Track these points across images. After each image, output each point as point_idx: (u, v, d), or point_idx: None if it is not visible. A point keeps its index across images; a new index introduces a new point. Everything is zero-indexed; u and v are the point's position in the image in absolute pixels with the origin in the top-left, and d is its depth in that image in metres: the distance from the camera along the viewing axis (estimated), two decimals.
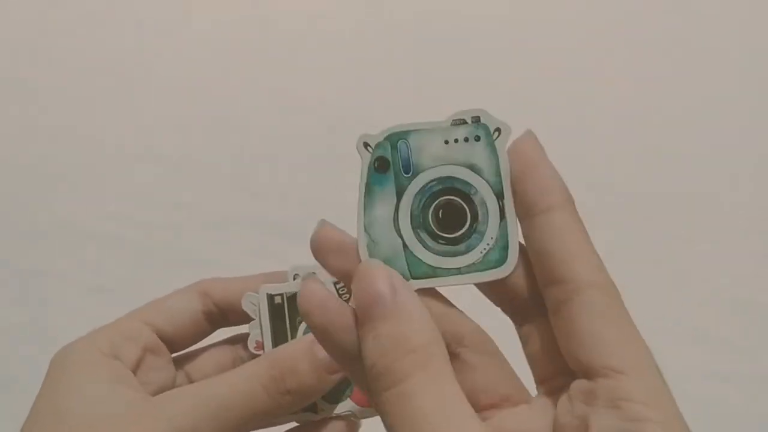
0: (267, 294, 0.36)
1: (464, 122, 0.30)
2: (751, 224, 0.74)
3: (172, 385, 0.38)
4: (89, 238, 0.69)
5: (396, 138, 0.29)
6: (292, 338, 0.36)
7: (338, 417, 0.36)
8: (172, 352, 0.39)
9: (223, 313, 0.39)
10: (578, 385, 0.28)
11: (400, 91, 0.79)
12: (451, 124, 0.30)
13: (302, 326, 0.36)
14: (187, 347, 0.40)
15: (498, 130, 0.30)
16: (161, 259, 0.69)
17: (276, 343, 0.36)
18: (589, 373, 0.27)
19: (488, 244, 0.29)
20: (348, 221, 0.35)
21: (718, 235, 0.73)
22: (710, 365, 0.67)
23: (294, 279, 0.37)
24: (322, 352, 0.34)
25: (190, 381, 0.39)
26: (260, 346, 0.37)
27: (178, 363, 0.40)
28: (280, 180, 0.74)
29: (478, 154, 0.30)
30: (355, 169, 0.30)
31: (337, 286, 0.36)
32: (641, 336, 0.28)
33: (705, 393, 0.64)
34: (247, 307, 0.37)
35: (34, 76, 0.75)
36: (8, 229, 0.69)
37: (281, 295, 0.36)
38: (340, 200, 0.73)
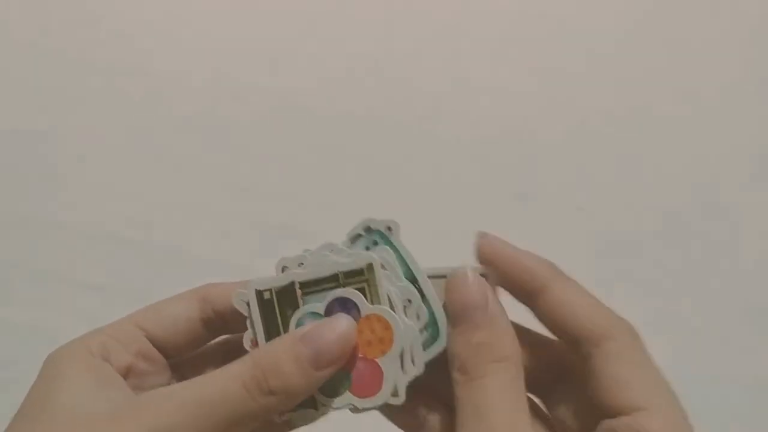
0: (255, 290, 0.35)
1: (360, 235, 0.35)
2: (754, 226, 0.73)
3: None
4: (89, 238, 0.69)
5: None
6: (284, 333, 0.35)
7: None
8: (167, 358, 0.38)
9: (224, 320, 0.38)
10: (603, 425, 0.31)
11: (401, 89, 0.79)
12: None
13: (293, 320, 0.35)
14: (184, 354, 0.39)
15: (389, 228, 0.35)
16: (161, 259, 0.69)
17: (269, 339, 0.35)
18: (612, 414, 0.31)
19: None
20: (348, 220, 0.36)
21: (719, 236, 0.73)
22: (710, 365, 0.66)
23: (282, 271, 0.35)
24: (307, 349, 0.33)
25: None
26: (256, 343, 0.35)
27: (176, 369, 0.39)
28: (280, 180, 0.74)
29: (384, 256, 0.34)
30: (353, 170, 0.30)
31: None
32: (662, 375, 0.32)
33: (705, 393, 0.63)
34: (238, 304, 0.36)
35: (34, 75, 0.75)
36: (8, 229, 0.69)
37: (269, 290, 0.35)
38: (340, 200, 0.74)
